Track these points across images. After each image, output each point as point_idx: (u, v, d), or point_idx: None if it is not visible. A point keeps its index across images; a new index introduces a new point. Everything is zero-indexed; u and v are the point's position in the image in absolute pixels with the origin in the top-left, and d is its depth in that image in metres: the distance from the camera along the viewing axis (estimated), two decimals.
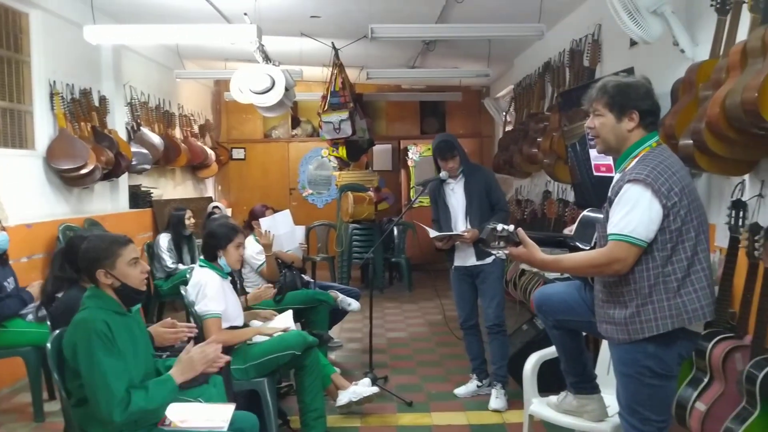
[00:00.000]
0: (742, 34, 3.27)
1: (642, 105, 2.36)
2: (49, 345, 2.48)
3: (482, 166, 4.70)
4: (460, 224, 4.28)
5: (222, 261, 3.71)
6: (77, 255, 2.69)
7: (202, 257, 3.77)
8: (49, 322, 3.20)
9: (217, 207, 7.41)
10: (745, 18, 3.25)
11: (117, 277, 2.52)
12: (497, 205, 4.30)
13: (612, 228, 2.30)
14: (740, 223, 3.14)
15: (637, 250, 2.26)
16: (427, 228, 4.39)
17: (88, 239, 2.60)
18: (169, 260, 6.01)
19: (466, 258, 4.30)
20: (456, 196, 4.33)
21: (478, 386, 4.44)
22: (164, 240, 6.09)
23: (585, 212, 2.87)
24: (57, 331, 2.53)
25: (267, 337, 3.62)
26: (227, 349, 3.47)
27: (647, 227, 2.24)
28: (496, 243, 2.36)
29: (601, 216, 2.47)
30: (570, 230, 2.82)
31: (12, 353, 4.06)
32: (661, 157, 2.32)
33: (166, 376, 2.46)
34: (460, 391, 4.46)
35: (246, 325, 3.79)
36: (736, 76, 2.98)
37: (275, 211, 5.51)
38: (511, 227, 2.38)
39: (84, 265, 2.55)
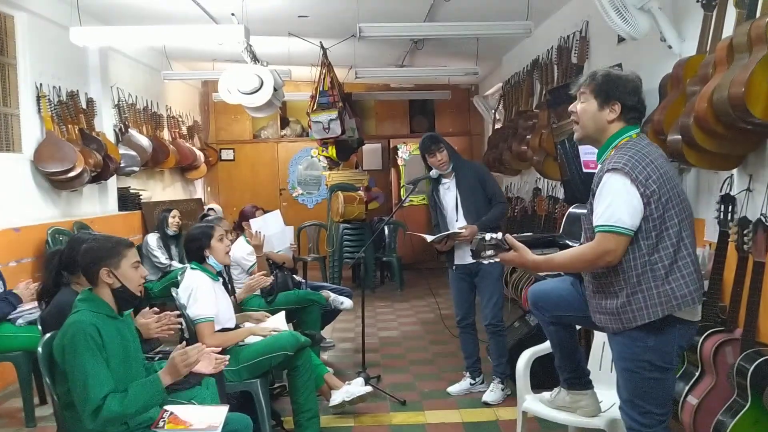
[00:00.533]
0: (728, 29, 3.30)
1: (627, 99, 2.38)
2: (40, 349, 2.46)
3: (473, 161, 4.68)
4: (456, 221, 4.28)
5: (212, 260, 3.69)
6: (75, 256, 2.68)
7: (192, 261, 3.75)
8: (40, 326, 3.16)
9: (212, 209, 7.39)
10: (731, 13, 3.28)
11: (118, 278, 2.51)
12: (494, 197, 4.29)
13: (597, 220, 2.31)
14: (729, 217, 3.16)
15: (626, 239, 2.28)
16: (422, 235, 4.37)
17: (94, 238, 2.60)
18: (162, 257, 6.00)
19: (465, 256, 4.29)
20: (450, 193, 4.33)
21: (471, 384, 4.45)
22: (153, 239, 6.08)
23: (571, 209, 2.89)
24: (48, 335, 2.51)
25: (260, 338, 3.61)
26: (220, 352, 3.47)
27: (631, 215, 2.26)
28: (486, 252, 2.39)
29: (586, 210, 2.49)
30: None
31: (2, 358, 4.03)
32: (639, 146, 2.34)
33: (154, 377, 2.45)
34: (453, 389, 4.47)
35: (238, 326, 3.77)
36: (723, 71, 3.00)
37: (265, 212, 5.50)
38: (499, 235, 2.41)
39: (86, 263, 2.53)
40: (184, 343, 2.60)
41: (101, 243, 2.56)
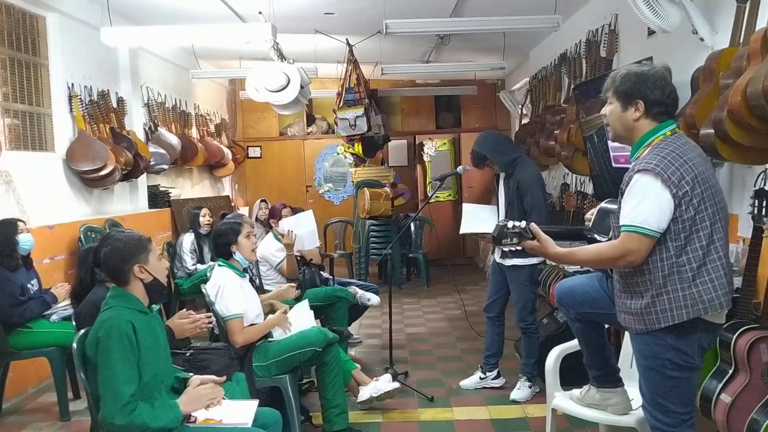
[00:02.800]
0: (762, 21, 3.23)
1: (649, 95, 2.34)
2: (75, 345, 2.51)
3: (526, 165, 4.19)
4: (501, 217, 4.25)
5: (238, 256, 3.72)
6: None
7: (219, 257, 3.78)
8: (74, 322, 3.22)
9: (264, 201, 7.45)
10: (765, 5, 3.21)
11: (149, 271, 2.56)
12: (528, 213, 4.01)
13: (623, 219, 2.29)
14: (763, 212, 3.09)
15: (650, 240, 2.25)
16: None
17: (116, 238, 2.63)
18: (189, 261, 6.08)
19: (496, 254, 4.32)
20: (501, 190, 4.28)
21: (480, 378, 4.46)
22: (188, 241, 6.15)
23: (603, 203, 2.87)
24: (83, 331, 2.55)
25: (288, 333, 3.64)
26: (249, 347, 3.51)
27: (658, 217, 2.23)
28: (508, 240, 2.39)
29: (616, 207, 2.47)
30: (589, 219, 2.82)
31: (37, 353, 4.11)
32: (674, 146, 2.30)
33: (173, 404, 2.46)
34: (464, 382, 4.50)
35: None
36: (757, 63, 2.95)
37: (293, 209, 5.54)
38: (523, 223, 2.40)
39: (115, 263, 2.55)
40: (196, 379, 2.61)
41: (126, 241, 2.58)
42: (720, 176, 3.77)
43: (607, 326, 3.02)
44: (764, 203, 3.10)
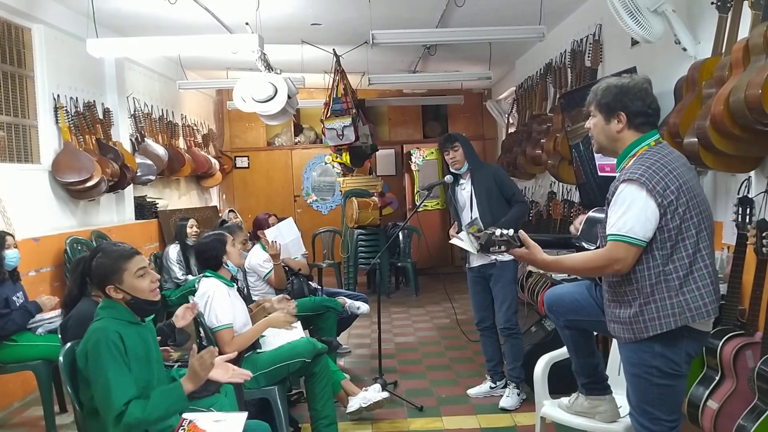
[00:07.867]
0: (743, 31, 3.28)
1: (631, 107, 2.37)
2: (61, 358, 2.48)
3: (490, 163, 4.60)
4: (466, 220, 4.28)
5: (230, 265, 3.71)
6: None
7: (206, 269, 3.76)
8: (59, 335, 3.19)
9: (232, 211, 7.41)
10: (746, 15, 3.25)
11: (126, 291, 2.51)
12: (512, 198, 4.29)
13: (610, 228, 2.32)
14: (747, 220, 3.13)
15: (636, 249, 2.28)
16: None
17: (98, 255, 2.61)
18: (179, 272, 6.03)
19: (474, 259, 4.31)
20: (464, 192, 4.34)
21: (491, 387, 4.45)
22: (173, 252, 6.10)
23: (590, 212, 2.90)
24: (69, 344, 2.53)
25: (278, 343, 3.63)
26: (237, 358, 3.49)
27: (644, 226, 2.25)
28: (497, 247, 2.40)
29: (604, 216, 2.49)
30: (576, 228, 2.85)
31: (23, 367, 4.07)
32: (658, 155, 2.33)
33: (176, 384, 2.45)
34: (472, 391, 4.48)
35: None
36: (739, 73, 2.99)
37: (278, 218, 5.52)
38: (511, 231, 2.41)
39: (95, 282, 2.57)
40: (195, 347, 2.60)
41: (102, 261, 2.55)
42: (704, 184, 3.82)
43: (595, 333, 3.05)
44: (748, 211, 3.14)
